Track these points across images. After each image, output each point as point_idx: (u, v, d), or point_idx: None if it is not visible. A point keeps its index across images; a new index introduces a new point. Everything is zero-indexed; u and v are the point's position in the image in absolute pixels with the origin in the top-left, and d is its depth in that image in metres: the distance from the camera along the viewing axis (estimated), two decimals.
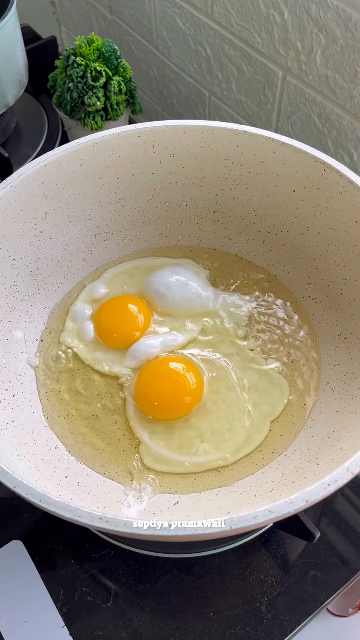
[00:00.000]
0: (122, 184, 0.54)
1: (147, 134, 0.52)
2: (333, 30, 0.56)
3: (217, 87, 0.75)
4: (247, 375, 0.49)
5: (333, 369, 0.48)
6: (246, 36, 0.66)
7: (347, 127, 0.60)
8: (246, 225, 0.56)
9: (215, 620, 0.45)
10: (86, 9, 0.93)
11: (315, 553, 0.48)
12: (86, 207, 0.53)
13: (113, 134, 0.51)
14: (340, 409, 0.44)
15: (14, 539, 0.49)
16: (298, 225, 0.53)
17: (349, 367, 0.47)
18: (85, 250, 0.55)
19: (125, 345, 0.51)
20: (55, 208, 0.51)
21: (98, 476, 0.44)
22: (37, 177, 0.49)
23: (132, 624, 0.45)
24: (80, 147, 0.50)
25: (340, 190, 0.47)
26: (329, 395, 0.47)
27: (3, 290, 0.48)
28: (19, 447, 0.42)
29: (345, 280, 0.49)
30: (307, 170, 0.49)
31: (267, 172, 0.52)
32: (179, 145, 0.52)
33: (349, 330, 0.48)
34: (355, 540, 0.49)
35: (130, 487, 0.44)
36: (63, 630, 0.45)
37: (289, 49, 0.61)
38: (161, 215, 0.57)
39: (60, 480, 0.42)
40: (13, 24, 0.66)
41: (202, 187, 0.55)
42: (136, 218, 0.56)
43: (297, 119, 0.66)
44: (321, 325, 0.51)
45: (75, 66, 0.66)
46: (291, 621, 0.45)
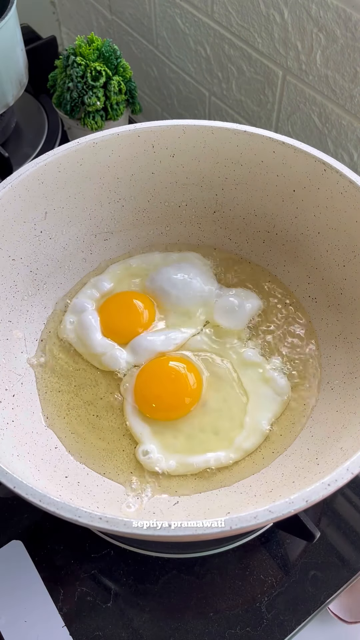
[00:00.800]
0: (122, 183, 0.54)
1: (147, 134, 0.52)
2: (333, 30, 0.56)
3: (217, 86, 0.75)
4: (247, 374, 0.49)
5: (333, 368, 0.48)
6: (246, 36, 0.66)
7: (347, 127, 0.60)
8: (246, 225, 0.56)
9: (215, 620, 0.45)
10: (86, 8, 0.93)
11: (315, 553, 0.48)
12: (86, 207, 0.53)
13: (113, 133, 0.51)
14: (340, 409, 0.44)
15: (14, 539, 0.49)
16: (298, 225, 0.53)
17: (349, 367, 0.47)
18: (85, 250, 0.55)
19: (128, 341, 0.51)
20: (55, 208, 0.51)
21: (98, 476, 0.44)
22: (37, 177, 0.49)
23: (132, 624, 0.45)
24: (80, 147, 0.50)
25: (341, 190, 0.47)
26: (329, 395, 0.47)
27: (3, 290, 0.48)
28: (18, 447, 0.42)
29: (346, 280, 0.49)
30: (307, 170, 0.49)
31: (267, 172, 0.52)
32: (179, 145, 0.52)
33: (349, 330, 0.48)
34: (356, 540, 0.49)
35: (130, 487, 0.44)
36: (63, 630, 0.45)
37: (289, 48, 0.61)
38: (161, 215, 0.57)
39: (60, 480, 0.42)
40: (13, 24, 0.66)
41: (202, 187, 0.55)
42: (136, 218, 0.56)
43: (297, 118, 0.66)
44: (321, 325, 0.51)
45: (75, 66, 0.66)
46: (291, 621, 0.45)
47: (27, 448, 0.43)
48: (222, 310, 0.53)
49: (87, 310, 0.53)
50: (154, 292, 0.54)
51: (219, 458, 0.45)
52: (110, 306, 0.53)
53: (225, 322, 0.52)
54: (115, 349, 0.51)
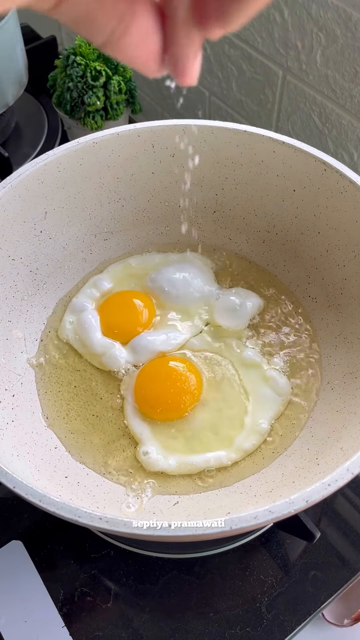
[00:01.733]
0: (122, 183, 0.54)
1: (147, 134, 0.51)
2: (333, 30, 0.56)
3: (217, 86, 0.75)
4: (247, 374, 0.49)
5: (333, 368, 0.48)
6: (246, 36, 0.66)
7: (347, 126, 0.60)
8: (246, 225, 0.56)
9: (215, 620, 0.45)
10: None
11: (315, 553, 0.48)
12: (86, 207, 0.53)
13: (113, 133, 0.51)
14: (340, 409, 0.44)
15: (13, 539, 0.49)
16: (298, 225, 0.52)
17: (349, 367, 0.46)
18: (85, 250, 0.55)
19: (128, 340, 0.51)
20: (55, 208, 0.51)
21: (98, 476, 0.44)
22: (37, 176, 0.49)
23: (132, 624, 0.45)
24: (80, 147, 0.50)
25: (341, 189, 0.47)
26: (330, 395, 0.47)
27: (3, 290, 0.48)
28: (18, 447, 0.42)
29: (346, 280, 0.49)
30: (307, 170, 0.49)
31: (268, 171, 0.52)
32: (179, 145, 0.52)
33: (349, 330, 0.48)
34: (356, 541, 0.49)
35: (130, 488, 0.44)
36: (63, 631, 0.45)
37: (289, 48, 0.61)
38: (161, 215, 0.57)
39: (60, 480, 0.42)
40: (13, 24, 0.66)
41: (203, 187, 0.55)
42: (136, 218, 0.56)
43: (297, 118, 0.66)
44: (321, 325, 0.51)
45: (75, 66, 0.66)
46: (291, 621, 0.45)
47: (27, 448, 0.43)
48: (222, 309, 0.53)
49: (87, 309, 0.53)
50: (154, 292, 0.54)
51: (219, 458, 0.45)
52: (110, 305, 0.53)
53: (226, 321, 0.52)
54: (115, 348, 0.51)
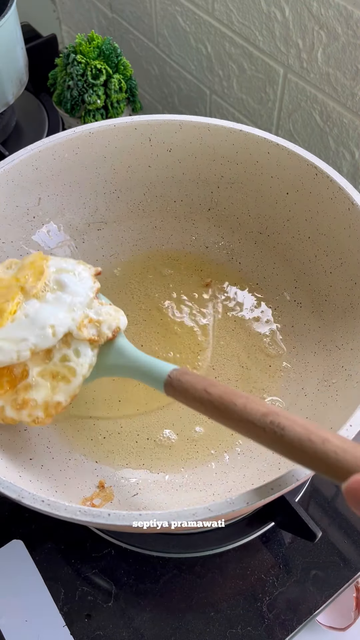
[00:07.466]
0: (118, 175, 0.54)
1: (144, 127, 0.52)
2: (334, 28, 0.55)
3: (217, 85, 0.75)
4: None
5: (309, 375, 0.48)
6: (247, 34, 0.65)
7: (348, 125, 0.60)
8: (240, 225, 0.56)
9: (216, 619, 0.45)
10: (86, 7, 0.93)
11: (316, 553, 0.48)
12: (81, 196, 0.53)
13: (110, 124, 0.51)
14: (310, 416, 0.44)
15: (14, 538, 0.49)
16: (290, 228, 0.52)
17: (324, 375, 0.46)
18: (77, 238, 0.55)
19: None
20: (49, 195, 0.51)
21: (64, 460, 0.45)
22: (31, 162, 0.49)
23: (133, 624, 0.45)
24: (75, 136, 0.50)
25: (330, 195, 0.47)
26: (302, 401, 0.47)
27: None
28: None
29: (331, 287, 0.49)
30: (299, 173, 0.49)
31: (262, 172, 0.52)
32: (175, 140, 0.53)
33: (329, 338, 0.48)
34: (357, 540, 0.49)
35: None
36: (64, 630, 0.44)
37: (290, 46, 0.61)
38: (156, 209, 0.57)
39: (24, 462, 0.42)
40: (13, 22, 0.66)
41: (198, 184, 0.55)
42: (131, 210, 0.56)
43: (298, 117, 0.66)
44: (303, 330, 0.51)
45: (76, 64, 0.66)
46: (292, 621, 0.45)
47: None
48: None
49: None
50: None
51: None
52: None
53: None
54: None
